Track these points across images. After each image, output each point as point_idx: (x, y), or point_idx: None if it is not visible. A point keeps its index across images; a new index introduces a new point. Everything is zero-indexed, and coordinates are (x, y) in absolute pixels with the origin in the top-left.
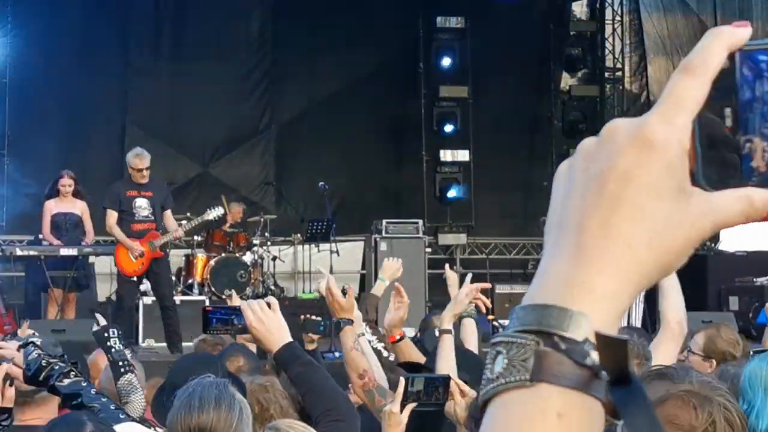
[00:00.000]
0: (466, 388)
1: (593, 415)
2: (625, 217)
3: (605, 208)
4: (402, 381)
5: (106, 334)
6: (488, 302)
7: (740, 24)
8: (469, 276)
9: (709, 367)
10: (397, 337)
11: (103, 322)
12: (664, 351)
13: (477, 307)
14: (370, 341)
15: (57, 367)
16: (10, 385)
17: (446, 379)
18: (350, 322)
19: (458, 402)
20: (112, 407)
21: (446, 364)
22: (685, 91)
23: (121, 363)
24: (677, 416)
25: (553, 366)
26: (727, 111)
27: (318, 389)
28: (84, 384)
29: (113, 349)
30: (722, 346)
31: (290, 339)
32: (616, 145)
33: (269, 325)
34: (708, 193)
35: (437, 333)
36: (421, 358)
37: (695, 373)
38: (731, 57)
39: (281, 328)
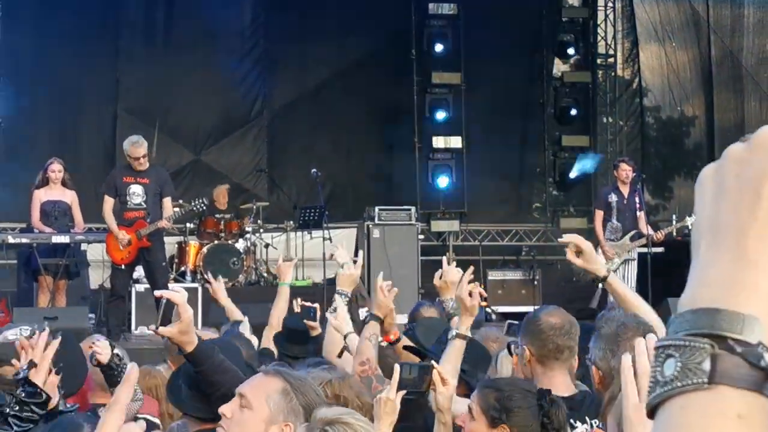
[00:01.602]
0: (447, 376)
1: None
2: None
3: (764, 212)
4: (397, 368)
5: (118, 365)
6: (483, 291)
7: None
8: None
9: None
10: (392, 338)
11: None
12: None
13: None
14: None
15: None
16: (57, 374)
17: (430, 368)
18: (379, 319)
19: (440, 390)
20: None
21: (451, 367)
22: None
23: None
24: None
25: (731, 368)
26: None
27: (231, 385)
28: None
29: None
30: None
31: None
32: None
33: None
34: None
35: (451, 335)
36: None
37: None
38: None
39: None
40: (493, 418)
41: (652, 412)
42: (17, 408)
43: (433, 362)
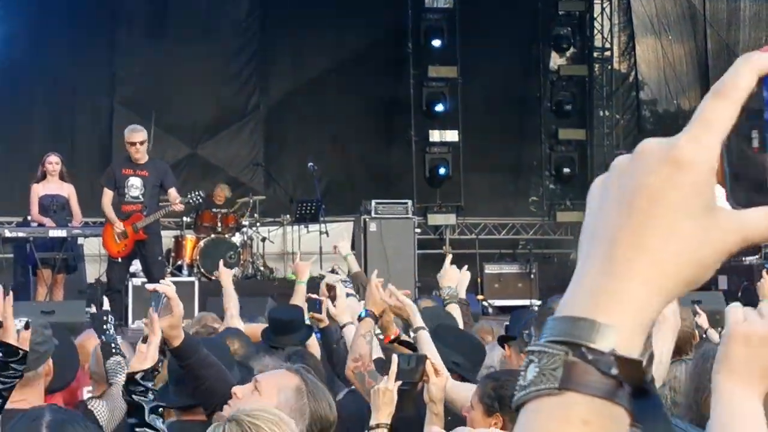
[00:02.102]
0: (440, 367)
1: (617, 422)
2: (653, 231)
3: (636, 223)
4: (395, 358)
5: (104, 318)
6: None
7: (767, 49)
8: (448, 258)
9: None
10: (392, 337)
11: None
12: (663, 339)
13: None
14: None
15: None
16: (26, 329)
17: (423, 358)
18: (374, 316)
19: (433, 381)
20: None
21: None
22: (715, 113)
23: (112, 345)
24: None
25: (581, 375)
26: (754, 133)
27: (216, 381)
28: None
29: (108, 332)
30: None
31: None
32: (647, 164)
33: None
34: (736, 211)
35: (412, 334)
36: None
37: None
38: (759, 82)
39: None
40: (488, 406)
41: (516, 413)
42: None
43: (426, 353)
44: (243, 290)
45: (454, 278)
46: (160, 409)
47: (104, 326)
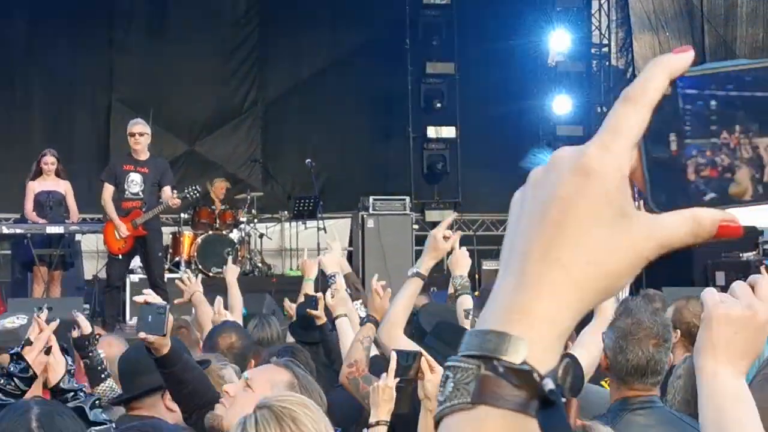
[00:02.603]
0: (434, 364)
1: None
2: (564, 243)
3: (547, 234)
4: (394, 355)
5: (87, 342)
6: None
7: (682, 50)
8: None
9: (675, 337)
10: None
11: (85, 323)
12: (593, 333)
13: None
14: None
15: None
16: (46, 354)
17: (419, 355)
18: (376, 322)
19: (428, 378)
20: None
21: (402, 305)
22: (624, 119)
23: (100, 368)
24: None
25: (492, 389)
26: (672, 136)
27: (198, 384)
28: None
29: (92, 355)
30: (687, 317)
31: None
32: (558, 174)
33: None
34: (653, 216)
35: (411, 272)
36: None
37: None
38: (672, 83)
39: None
40: None
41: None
42: (2, 381)
43: (421, 350)
44: (241, 287)
45: (465, 265)
46: (97, 401)
47: (88, 349)
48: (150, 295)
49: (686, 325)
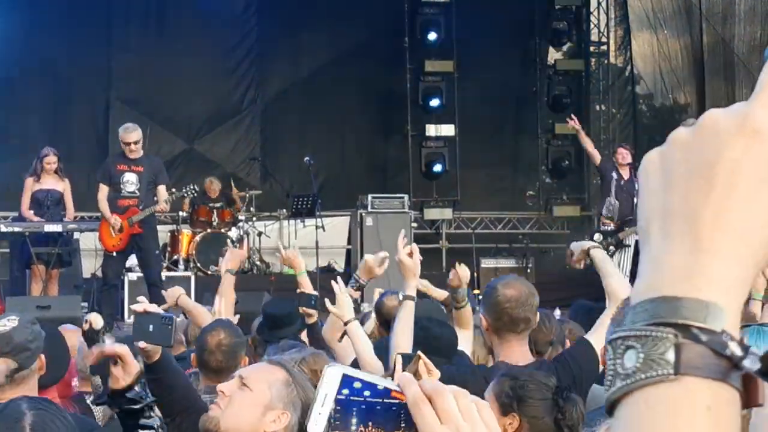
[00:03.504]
0: (432, 366)
1: (735, 405)
2: (737, 206)
3: (717, 197)
4: (399, 359)
5: (96, 336)
6: (415, 248)
7: None
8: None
9: None
10: None
11: (97, 319)
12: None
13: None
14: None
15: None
16: (114, 364)
17: (416, 357)
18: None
19: (426, 379)
20: None
21: (404, 333)
22: None
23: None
24: None
25: (696, 358)
26: None
27: (185, 390)
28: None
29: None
30: None
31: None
32: (720, 135)
33: None
34: None
35: (400, 297)
36: None
37: None
38: None
39: None
40: (504, 405)
41: (611, 408)
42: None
43: (419, 352)
44: (239, 285)
45: (464, 278)
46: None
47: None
48: (147, 304)
49: None
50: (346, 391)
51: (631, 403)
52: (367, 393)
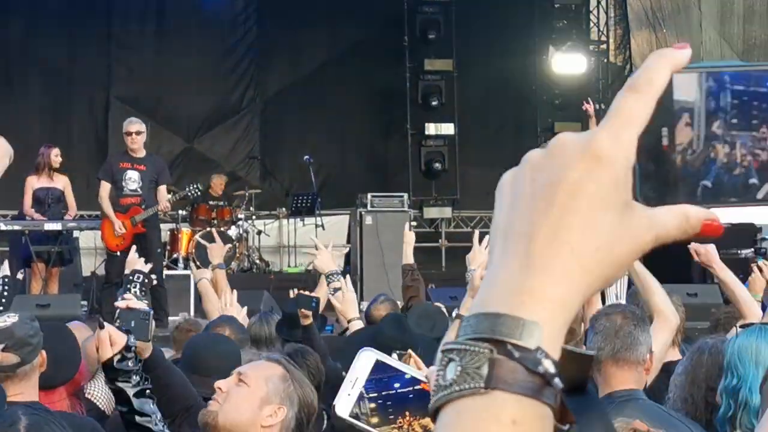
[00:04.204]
0: (422, 363)
1: (545, 421)
2: (573, 227)
3: (554, 217)
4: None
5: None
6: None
7: (680, 46)
8: (476, 234)
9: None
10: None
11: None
12: (660, 340)
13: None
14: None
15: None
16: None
17: (407, 356)
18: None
19: None
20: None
21: None
22: (633, 108)
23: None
24: None
25: (507, 373)
26: (664, 131)
27: (180, 388)
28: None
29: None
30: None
31: None
32: (565, 158)
33: None
34: (650, 209)
35: (454, 314)
36: None
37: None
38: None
39: None
40: None
41: (434, 415)
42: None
43: (410, 351)
44: (239, 283)
45: (481, 260)
46: (148, 391)
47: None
48: (132, 300)
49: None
50: (376, 377)
51: (447, 413)
52: (397, 384)
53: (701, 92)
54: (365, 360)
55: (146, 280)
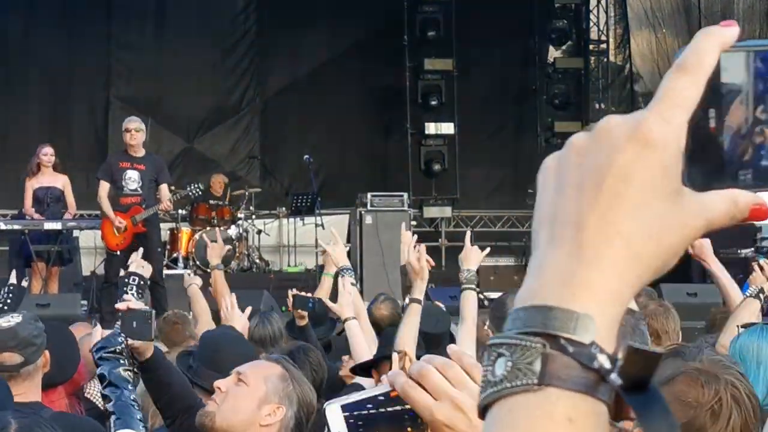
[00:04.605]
0: (413, 356)
1: (600, 418)
2: (624, 214)
3: (604, 204)
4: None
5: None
6: (430, 260)
7: (728, 24)
8: (468, 233)
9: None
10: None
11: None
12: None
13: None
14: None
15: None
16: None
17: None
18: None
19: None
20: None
21: (408, 336)
22: (682, 90)
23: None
24: (685, 393)
25: (561, 369)
26: (711, 112)
27: (180, 388)
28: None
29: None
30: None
31: None
32: (613, 142)
33: None
34: (698, 194)
35: (407, 301)
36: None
37: (708, 351)
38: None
39: None
40: None
41: (483, 413)
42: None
43: (405, 350)
44: (239, 283)
45: (475, 260)
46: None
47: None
48: (131, 302)
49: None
50: (352, 419)
51: (497, 410)
52: (370, 407)
53: (749, 73)
54: (333, 414)
55: (142, 282)
